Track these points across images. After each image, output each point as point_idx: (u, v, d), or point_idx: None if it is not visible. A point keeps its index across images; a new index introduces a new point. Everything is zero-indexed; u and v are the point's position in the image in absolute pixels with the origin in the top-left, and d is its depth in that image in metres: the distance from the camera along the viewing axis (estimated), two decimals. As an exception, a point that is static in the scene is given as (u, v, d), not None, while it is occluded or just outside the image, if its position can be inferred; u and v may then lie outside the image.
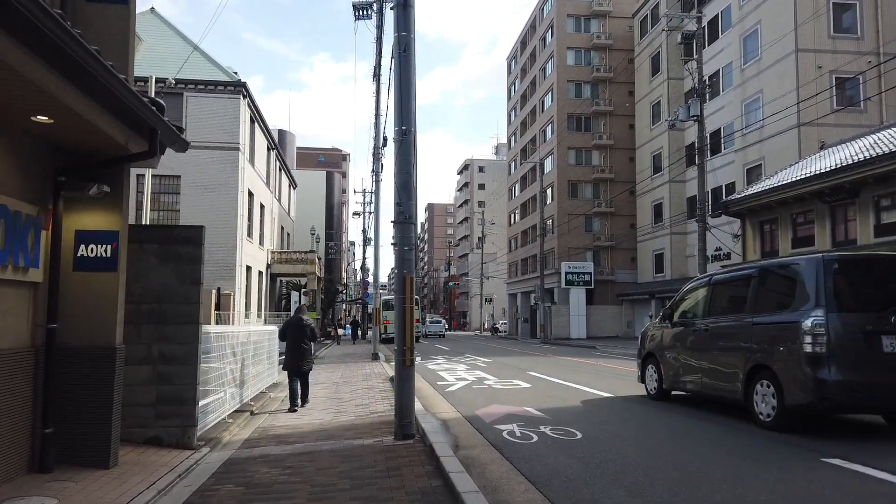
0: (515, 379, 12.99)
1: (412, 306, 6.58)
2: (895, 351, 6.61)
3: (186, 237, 6.42)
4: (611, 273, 49.83)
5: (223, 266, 28.57)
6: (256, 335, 11.12)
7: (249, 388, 10.05)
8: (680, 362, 9.25)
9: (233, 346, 8.78)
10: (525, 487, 4.70)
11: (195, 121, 28.90)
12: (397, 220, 6.58)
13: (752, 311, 7.87)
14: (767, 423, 7.10)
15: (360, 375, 14.54)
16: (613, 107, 50.53)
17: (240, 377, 9.34)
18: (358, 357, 22.81)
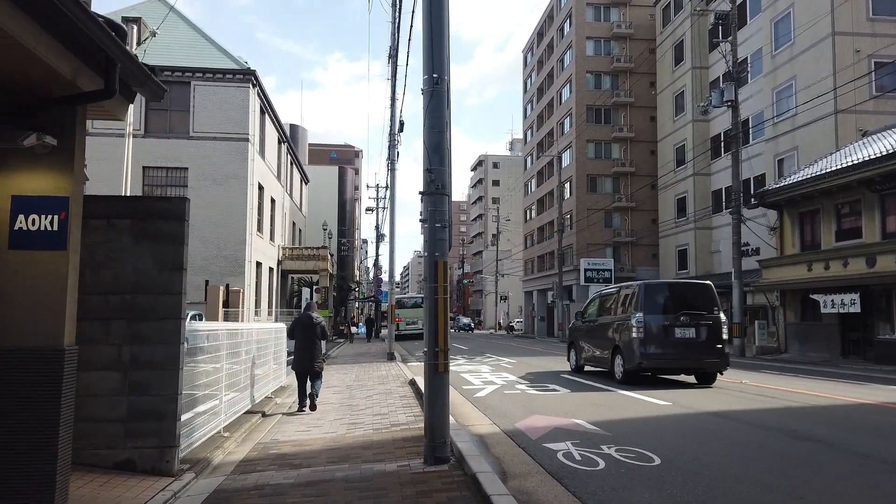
0: (549, 382, 11.67)
1: (446, 297, 5.28)
2: (681, 337, 11.63)
3: (166, 210, 5.15)
4: (631, 270, 48.25)
5: (232, 261, 27.43)
6: (260, 334, 9.87)
7: (252, 394, 8.79)
8: (585, 346, 14.26)
9: (231, 345, 7.52)
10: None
11: (203, 110, 27.79)
12: (427, 190, 5.27)
13: (615, 314, 12.98)
14: (620, 379, 11.98)
15: (375, 378, 13.27)
16: (634, 98, 48.94)
17: (241, 381, 8.09)
18: (372, 357, 21.56)
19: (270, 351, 10.54)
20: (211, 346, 6.64)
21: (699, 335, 11.66)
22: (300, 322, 9.33)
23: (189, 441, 5.63)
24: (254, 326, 9.60)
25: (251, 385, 8.69)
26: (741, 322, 23.17)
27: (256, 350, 9.33)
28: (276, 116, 34.07)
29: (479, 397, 9.67)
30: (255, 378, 9.16)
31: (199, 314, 21.56)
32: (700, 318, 11.77)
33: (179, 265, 5.19)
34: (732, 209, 24.04)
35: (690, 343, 11.64)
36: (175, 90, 27.89)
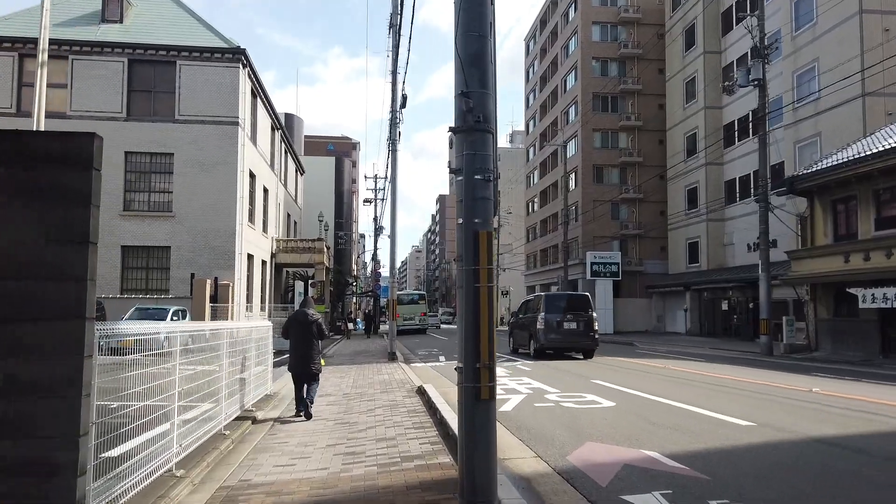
0: (582, 391, 9.95)
1: (490, 286, 3.56)
2: (567, 328, 17.75)
3: (62, 153, 3.35)
4: (639, 263, 46.57)
5: (221, 253, 25.63)
6: (238, 334, 8.10)
7: (222, 410, 7.00)
8: (517, 335, 20.55)
9: (188, 351, 5.73)
10: None
11: (189, 92, 25.94)
12: (462, 124, 3.49)
13: (534, 313, 18.97)
14: (532, 355, 18.03)
15: (377, 383, 11.50)
16: (642, 85, 47.15)
17: (209, 395, 6.32)
18: (372, 356, 19.80)
19: (252, 355, 8.75)
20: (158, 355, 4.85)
21: (579, 326, 18.25)
22: (295, 319, 8.53)
23: (111, 494, 3.85)
24: (227, 325, 7.80)
25: (223, 399, 6.90)
26: (768, 318, 21.41)
27: (234, 354, 7.56)
28: (269, 101, 32.20)
29: (507, 412, 7.92)
30: (231, 388, 7.39)
31: (181, 310, 19.76)
32: (579, 316, 18.35)
33: (84, 235, 3.41)
34: (759, 196, 22.29)
35: (573, 332, 18.30)
36: (159, 70, 26.06)
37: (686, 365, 16.24)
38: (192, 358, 5.91)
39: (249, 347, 8.61)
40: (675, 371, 14.28)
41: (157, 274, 25.60)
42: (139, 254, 25.51)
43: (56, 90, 25.56)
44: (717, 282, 36.41)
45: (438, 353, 21.55)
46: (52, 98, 26.13)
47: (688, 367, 15.57)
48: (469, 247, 3.59)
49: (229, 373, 7.44)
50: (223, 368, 7.01)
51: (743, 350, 23.06)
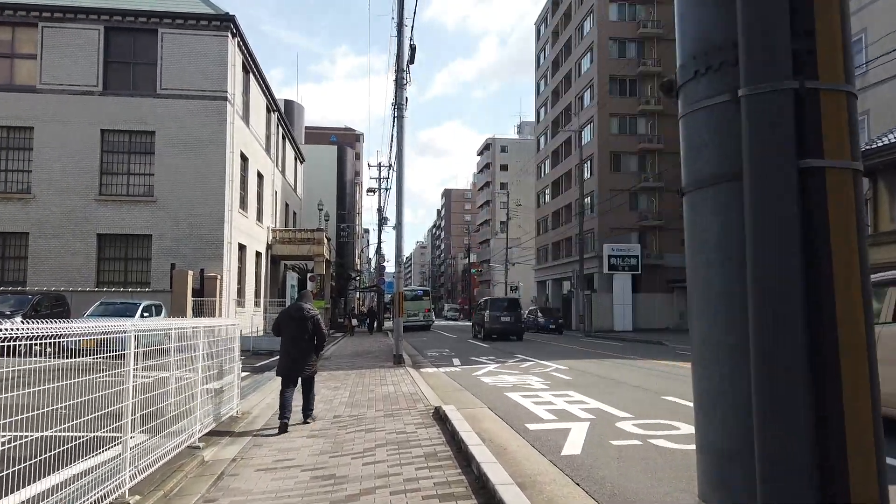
0: (662, 414, 7.26)
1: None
2: (504, 321, 29.18)
3: None
4: (659, 256, 43.85)
5: (208, 242, 23.10)
6: (189, 337, 5.54)
7: (158, 446, 4.40)
8: (476, 326, 32.59)
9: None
10: None
11: (172, 63, 23.38)
12: None
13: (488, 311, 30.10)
14: (480, 338, 29.94)
15: (379, 398, 8.93)
16: (663, 67, 44.30)
17: (129, 427, 3.73)
18: (375, 357, 17.24)
19: (202, 365, 6.17)
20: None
21: (511, 319, 29.18)
22: (288, 315, 7.53)
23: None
24: (167, 326, 5.23)
25: (160, 427, 4.30)
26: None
27: (182, 363, 4.99)
28: (265, 79, 29.61)
29: (574, 457, 5.22)
30: (174, 413, 4.81)
31: (155, 305, 17.19)
32: (511, 313, 29.47)
33: None
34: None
35: (508, 323, 29.08)
36: (139, 39, 23.50)
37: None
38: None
39: (195, 356, 6.02)
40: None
41: (136, 265, 23.08)
42: (117, 243, 22.99)
43: (24, 61, 23.06)
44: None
45: (450, 354, 18.96)
46: (19, 69, 23.64)
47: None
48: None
49: (171, 392, 4.87)
50: (160, 385, 4.43)
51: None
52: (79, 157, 22.62)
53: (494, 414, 7.34)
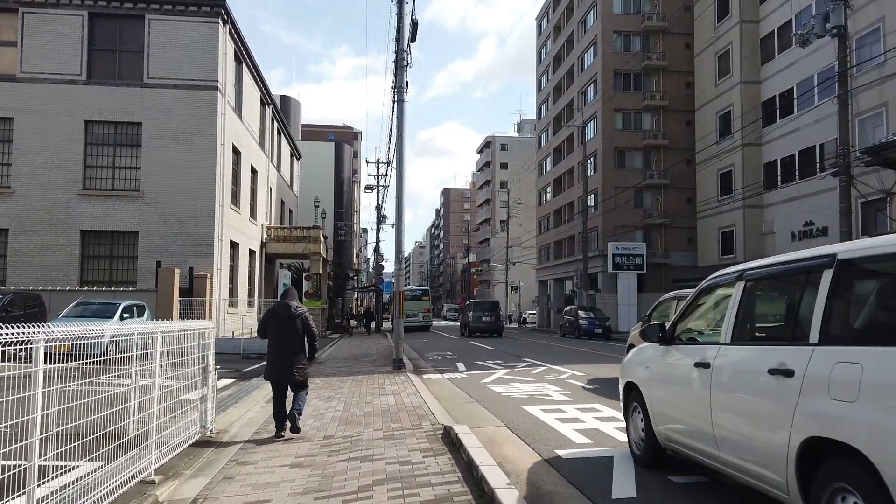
0: None
1: None
2: (485, 320, 33.95)
3: None
4: (664, 255, 42.76)
5: (197, 239, 21.98)
6: (132, 344, 4.42)
7: (92, 484, 3.28)
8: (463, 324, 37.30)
9: None
10: None
11: (160, 52, 22.27)
12: None
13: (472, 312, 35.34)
14: (464, 335, 34.10)
15: (377, 412, 7.81)
16: (668, 61, 43.23)
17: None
18: (373, 361, 16.13)
19: (158, 378, 5.03)
20: None
21: (492, 319, 33.82)
22: (275, 314, 6.95)
23: None
24: (106, 328, 4.08)
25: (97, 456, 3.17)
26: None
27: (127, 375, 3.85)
28: (258, 70, 28.46)
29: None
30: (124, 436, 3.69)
31: (138, 305, 16.04)
32: (492, 313, 34.24)
33: None
34: (838, 169, 18.48)
35: (489, 322, 33.64)
36: (125, 26, 22.38)
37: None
38: None
39: (152, 367, 4.89)
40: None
41: (122, 263, 21.96)
42: (101, 239, 21.87)
43: (3, 48, 21.91)
44: (760, 274, 32.56)
45: (453, 357, 17.83)
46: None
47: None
48: None
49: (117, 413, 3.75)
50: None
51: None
52: (61, 150, 21.50)
53: (514, 434, 6.22)
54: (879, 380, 2.76)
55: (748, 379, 3.75)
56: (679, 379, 4.58)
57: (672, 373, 4.74)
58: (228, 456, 5.67)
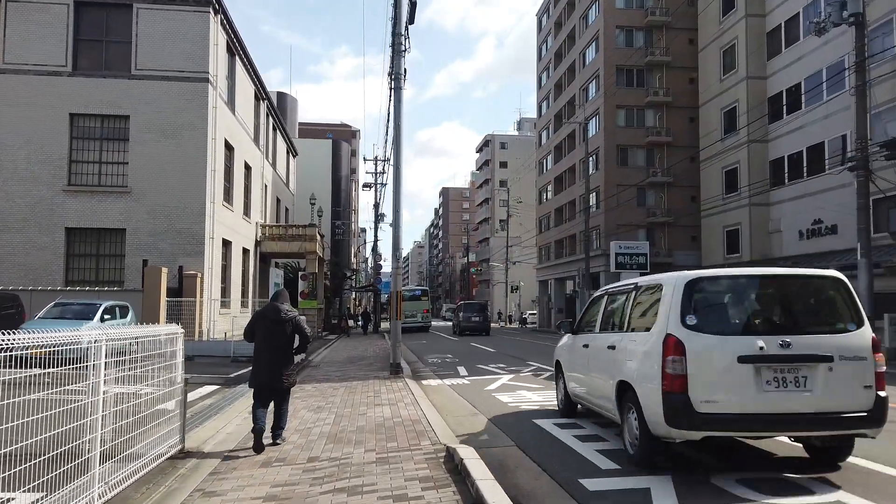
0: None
1: None
2: (474, 321, 36.92)
3: None
4: (668, 254, 41.98)
5: (187, 237, 21.14)
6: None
7: None
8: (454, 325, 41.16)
9: None
10: None
11: (149, 43, 21.43)
12: None
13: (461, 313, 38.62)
14: (456, 333, 37.45)
15: (371, 427, 6.98)
16: (671, 57, 42.42)
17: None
18: (369, 365, 15.31)
19: (104, 398, 4.20)
20: None
21: (480, 319, 37.19)
22: (264, 317, 6.54)
23: None
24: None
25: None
26: (870, 317, 16.78)
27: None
28: (252, 64, 27.62)
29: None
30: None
31: (120, 306, 15.18)
32: (480, 314, 38.00)
33: None
34: (855, 163, 17.69)
35: (477, 322, 36.77)
36: (112, 15, 21.53)
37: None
38: None
39: (93, 381, 4.06)
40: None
41: (109, 262, 21.12)
42: (88, 237, 21.03)
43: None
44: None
45: (454, 361, 17.00)
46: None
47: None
48: None
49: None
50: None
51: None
52: (45, 144, 20.65)
53: (528, 457, 5.39)
54: (637, 349, 5.30)
55: (600, 353, 6.36)
56: (577, 355, 7.26)
57: (574, 352, 7.45)
58: (195, 483, 4.84)
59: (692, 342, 4.80)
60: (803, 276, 5.47)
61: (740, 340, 4.81)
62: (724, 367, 4.73)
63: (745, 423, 4.69)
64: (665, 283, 5.36)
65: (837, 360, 4.80)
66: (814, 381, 4.76)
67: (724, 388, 4.72)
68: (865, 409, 4.76)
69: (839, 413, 4.74)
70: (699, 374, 4.72)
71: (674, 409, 4.67)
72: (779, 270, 5.62)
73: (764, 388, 4.69)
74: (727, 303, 5.30)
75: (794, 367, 4.76)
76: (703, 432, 4.69)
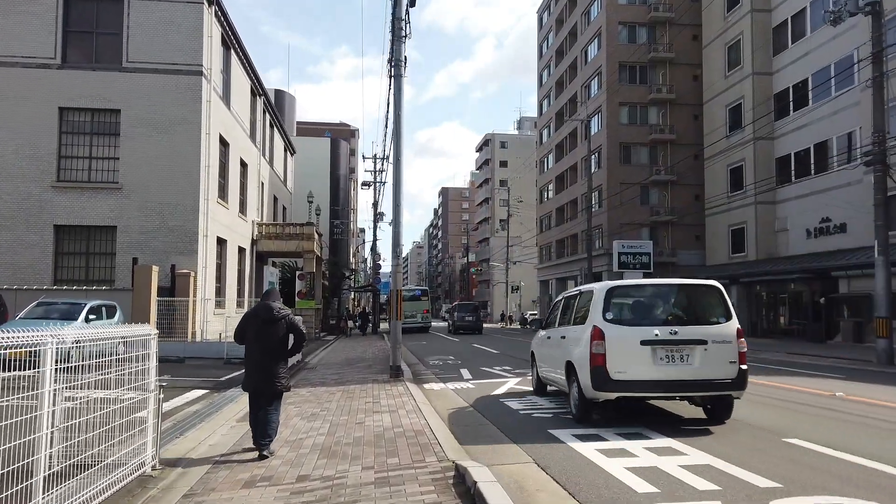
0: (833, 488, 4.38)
1: None
2: (468, 320, 38.22)
3: None
4: (671, 254, 41.33)
5: (180, 235, 20.48)
6: None
7: None
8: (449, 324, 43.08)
9: None
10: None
11: (140, 34, 20.77)
12: None
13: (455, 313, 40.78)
14: (451, 332, 38.71)
15: (369, 438, 6.32)
16: (675, 54, 41.80)
17: None
18: (368, 367, 14.65)
19: (61, 408, 3.53)
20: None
21: (473, 319, 38.25)
22: (255, 316, 6.15)
23: None
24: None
25: None
26: (888, 317, 16.21)
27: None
28: (248, 58, 26.96)
29: None
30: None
31: (107, 306, 14.51)
32: (474, 314, 39.14)
33: None
34: (873, 157, 17.05)
35: (471, 322, 37.96)
36: (102, 6, 20.88)
37: (801, 382, 11.10)
38: None
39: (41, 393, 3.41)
40: (815, 397, 9.14)
41: (99, 260, 20.45)
42: (77, 235, 20.36)
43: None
44: (776, 273, 31.17)
45: (456, 363, 16.34)
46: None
47: (809, 385, 10.48)
48: None
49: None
50: None
51: (841, 357, 17.83)
52: (34, 139, 19.98)
53: (550, 477, 4.70)
54: (577, 336, 7.11)
55: (556, 342, 8.20)
56: (544, 346, 9.10)
57: (542, 343, 9.31)
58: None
59: (609, 331, 6.71)
60: (690, 285, 7.54)
61: (642, 329, 6.71)
62: (631, 348, 6.61)
63: (645, 387, 6.67)
64: (595, 290, 7.34)
65: (710, 343, 6.69)
66: (693, 357, 6.65)
67: (631, 363, 6.62)
68: (731, 378, 6.66)
69: (712, 380, 6.66)
70: (614, 353, 6.60)
71: (597, 378, 6.62)
72: (673, 280, 7.84)
73: (658, 363, 6.61)
74: (634, 304, 7.25)
75: (680, 347, 6.63)
76: (617, 394, 6.65)
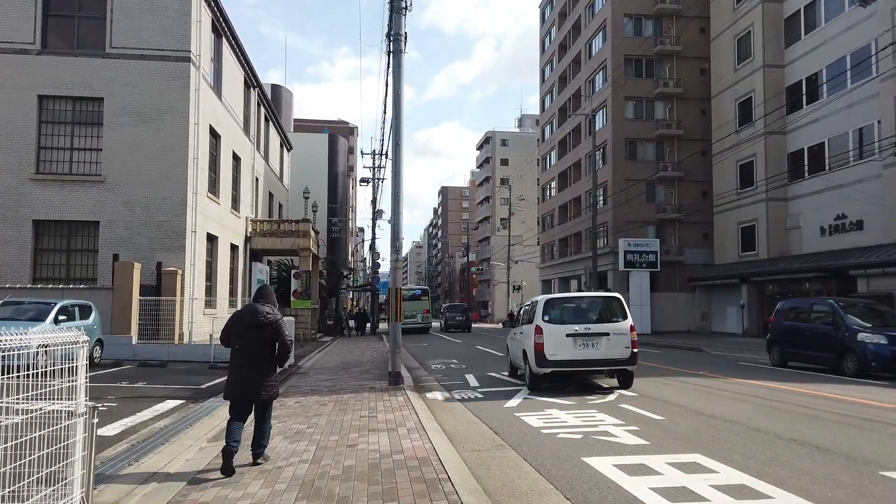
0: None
1: None
2: (458, 319, 42.20)
3: None
4: (679, 252, 40.17)
5: (167, 231, 19.32)
6: None
7: None
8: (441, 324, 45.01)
9: None
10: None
11: (125, 18, 19.64)
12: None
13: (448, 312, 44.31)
14: (443, 330, 42.84)
15: (361, 470, 5.15)
16: (682, 47, 40.65)
17: None
18: (365, 372, 13.50)
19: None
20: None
21: (463, 318, 42.62)
22: (240, 320, 5.63)
23: None
24: None
25: None
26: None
27: None
28: (241, 48, 25.80)
29: None
30: None
31: (80, 306, 13.33)
32: (463, 314, 43.52)
33: None
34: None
35: (460, 321, 42.12)
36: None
37: (841, 390, 9.97)
38: None
39: None
40: (867, 406, 8.02)
41: (81, 257, 19.30)
42: (57, 230, 19.21)
43: (-55, 12, 19.21)
44: (790, 272, 30.04)
45: (460, 367, 15.19)
46: (-62, 22, 19.81)
47: (850, 393, 9.35)
48: None
49: None
50: None
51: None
52: (11, 129, 18.85)
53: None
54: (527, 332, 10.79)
55: (518, 336, 11.80)
56: (513, 340, 12.50)
57: (512, 338, 12.76)
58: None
59: (546, 328, 10.13)
60: (600, 296, 11.62)
61: (567, 326, 10.12)
62: (559, 339, 10.00)
63: (569, 364, 10.07)
64: (538, 301, 11.02)
65: (612, 335, 10.06)
66: (601, 345, 10.01)
67: (560, 349, 10.00)
68: (626, 357, 10.06)
69: (614, 359, 10.11)
70: (548, 342, 9.99)
71: (538, 358, 10.05)
72: (588, 294, 12.84)
73: (578, 348, 10.01)
74: (562, 309, 10.74)
75: (592, 338, 10.03)
76: (550, 369, 10.12)
